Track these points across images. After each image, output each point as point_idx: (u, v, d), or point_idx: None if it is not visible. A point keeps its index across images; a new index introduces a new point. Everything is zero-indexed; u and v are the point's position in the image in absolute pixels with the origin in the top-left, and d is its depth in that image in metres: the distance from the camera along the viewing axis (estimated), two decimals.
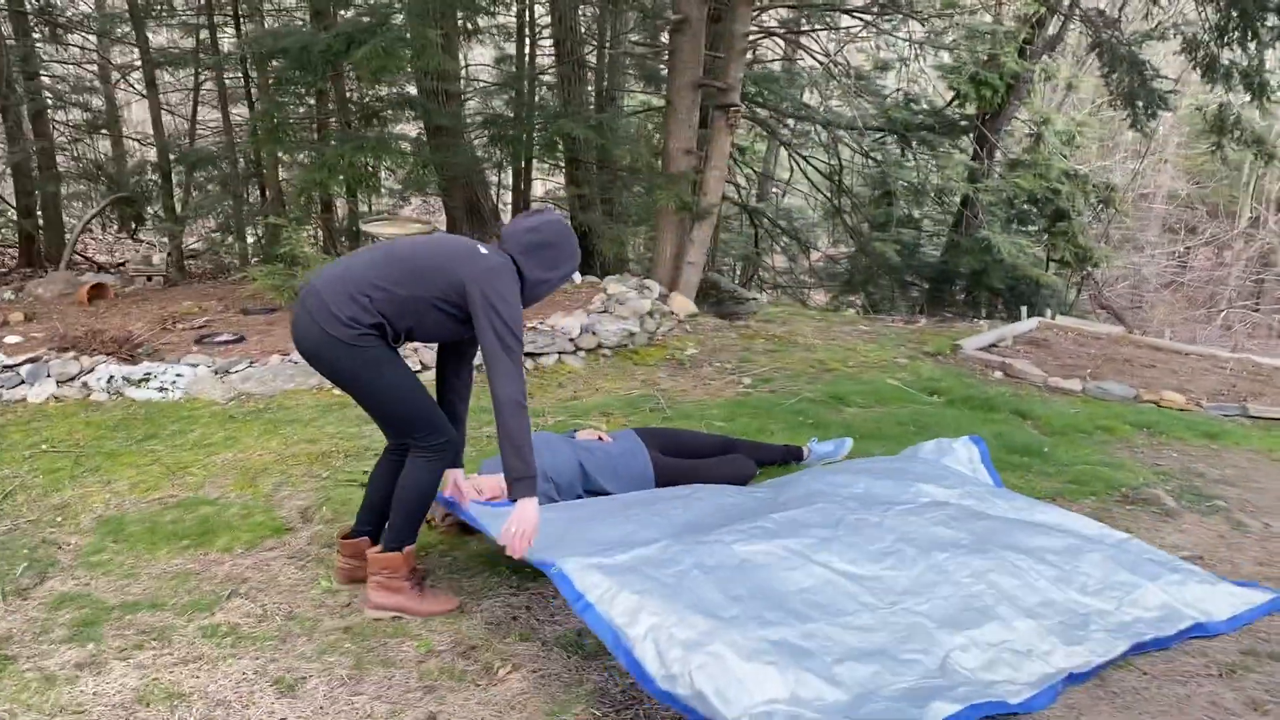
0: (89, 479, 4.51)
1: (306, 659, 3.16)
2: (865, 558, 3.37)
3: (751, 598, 3.02)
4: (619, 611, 2.84)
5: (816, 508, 3.69)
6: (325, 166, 7.33)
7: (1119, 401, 6.99)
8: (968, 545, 3.53)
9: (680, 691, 2.67)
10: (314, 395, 5.65)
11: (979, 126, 12.83)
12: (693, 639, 2.77)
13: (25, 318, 6.52)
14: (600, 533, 3.46)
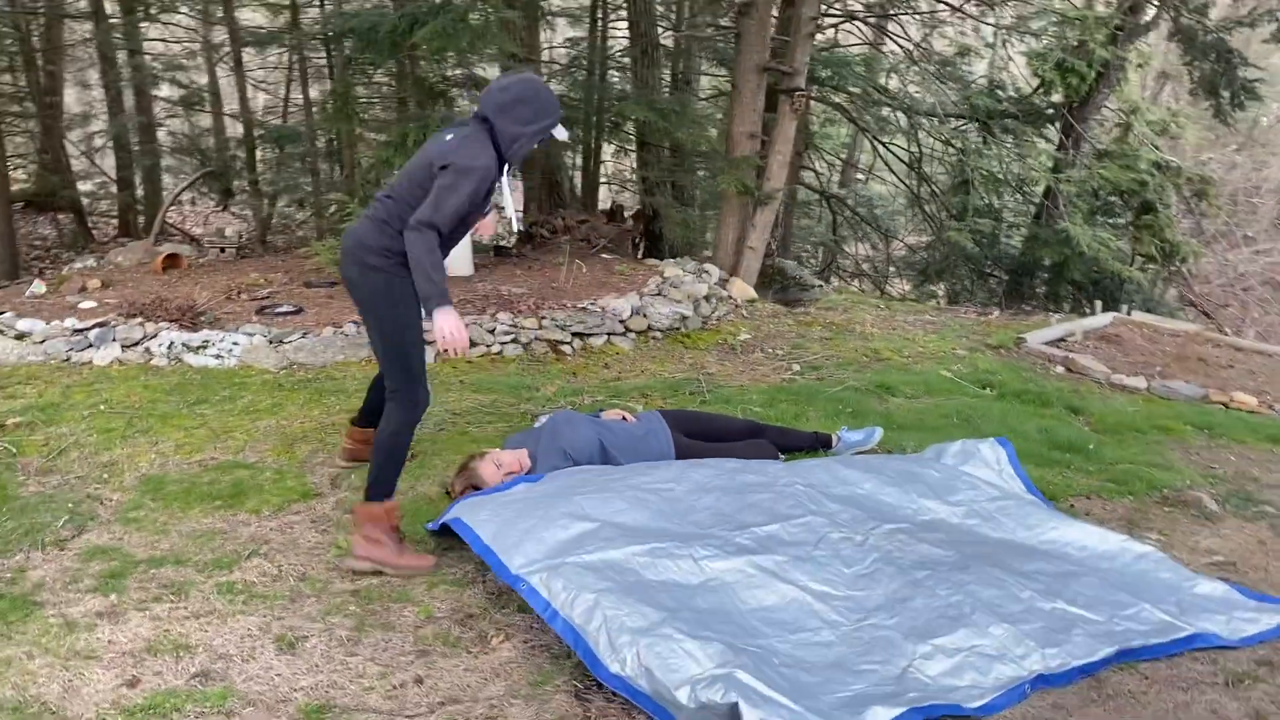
0: (139, 439, 4.72)
1: (311, 619, 3.27)
2: (840, 579, 3.39)
3: (704, 610, 3.07)
4: (579, 611, 2.97)
5: (802, 522, 3.68)
6: (392, 145, 7.49)
7: (1185, 401, 6.76)
8: (952, 564, 3.49)
9: (628, 672, 2.75)
10: (361, 367, 5.80)
11: (1065, 115, 12.43)
12: (642, 626, 2.88)
13: (102, 284, 6.83)
14: (583, 507, 3.55)
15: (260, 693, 2.87)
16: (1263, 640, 3.32)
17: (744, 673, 2.72)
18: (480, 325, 6.30)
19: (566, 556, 3.24)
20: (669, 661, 2.77)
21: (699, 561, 3.31)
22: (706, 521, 3.65)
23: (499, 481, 4.04)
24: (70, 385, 5.40)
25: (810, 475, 4.06)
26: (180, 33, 13.19)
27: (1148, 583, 3.63)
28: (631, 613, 2.96)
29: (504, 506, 3.66)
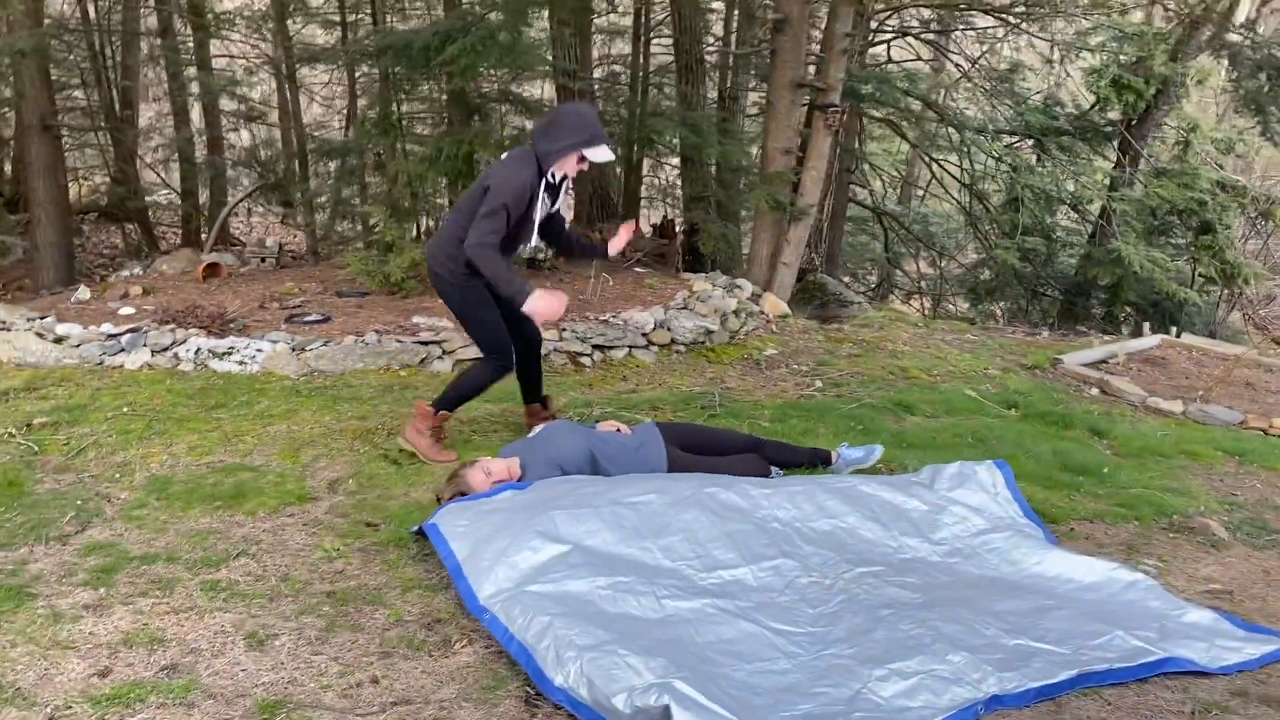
0: (154, 441, 4.89)
1: (285, 618, 3.36)
2: (803, 619, 3.38)
3: (660, 639, 3.08)
4: (532, 633, 3.04)
5: (772, 565, 3.67)
6: (428, 159, 7.65)
7: (1221, 426, 6.58)
8: (917, 604, 3.46)
9: (570, 684, 2.79)
10: (379, 375, 5.92)
11: (1123, 132, 12.17)
12: (590, 644, 2.92)
13: (144, 291, 7.08)
14: (556, 524, 3.60)
15: (222, 687, 2.95)
16: (1242, 669, 3.23)
17: (683, 683, 2.73)
18: None
19: (529, 585, 3.30)
20: (610, 673, 2.79)
21: (661, 600, 3.33)
22: (678, 548, 3.65)
23: (487, 489, 4.10)
24: (100, 388, 5.60)
25: (794, 503, 4.03)
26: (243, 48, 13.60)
27: (1133, 611, 3.55)
28: (582, 632, 2.99)
29: (483, 516, 3.72)
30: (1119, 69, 11.61)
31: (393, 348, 6.06)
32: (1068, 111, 13.02)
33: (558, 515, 3.65)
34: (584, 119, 4.36)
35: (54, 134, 8.38)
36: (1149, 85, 11.55)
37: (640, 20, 10.18)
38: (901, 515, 4.11)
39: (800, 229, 8.53)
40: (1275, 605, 3.76)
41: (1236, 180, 12.86)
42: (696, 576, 3.56)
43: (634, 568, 3.51)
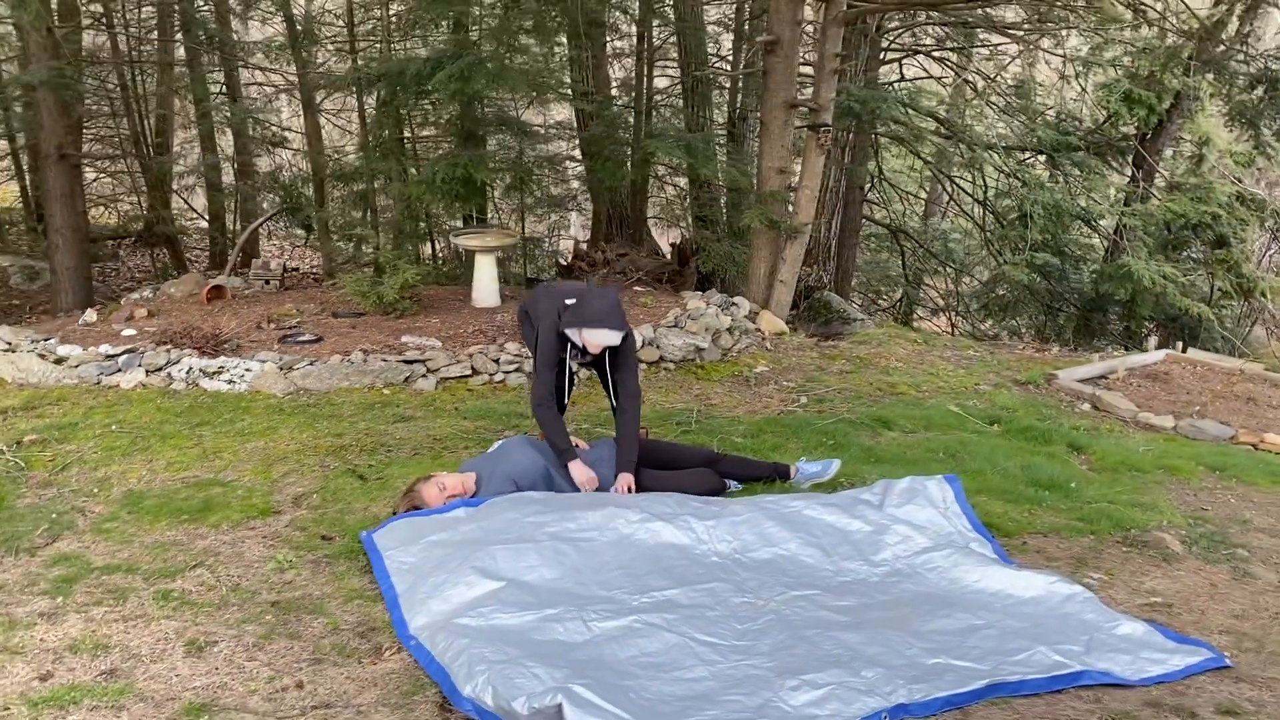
0: (136, 457, 5.07)
1: (227, 626, 3.49)
2: (729, 634, 3.44)
3: (579, 660, 3.15)
4: (450, 654, 3.15)
5: (706, 588, 3.74)
6: (424, 183, 7.83)
7: (1210, 441, 6.53)
8: (843, 625, 3.51)
9: (476, 693, 2.88)
10: (363, 393, 6.07)
11: (1136, 147, 12.10)
12: (501, 660, 3.02)
13: (149, 314, 7.31)
14: (495, 560, 3.73)
15: (155, 691, 3.08)
16: (1163, 680, 3.24)
17: (581, 686, 2.81)
18: (485, 354, 6.52)
19: (459, 618, 3.39)
20: (513, 681, 2.88)
21: (589, 624, 3.40)
22: (614, 581, 3.74)
23: (441, 504, 4.21)
24: (94, 406, 5.81)
25: (736, 534, 4.10)
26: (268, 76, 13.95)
27: (1066, 624, 3.58)
28: (496, 650, 3.09)
29: (430, 549, 3.84)
30: (1131, 84, 11.57)
31: (377, 366, 6.21)
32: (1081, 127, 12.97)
33: (498, 550, 3.77)
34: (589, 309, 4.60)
35: (71, 163, 8.67)
36: (1161, 100, 11.49)
37: (643, 44, 10.32)
38: (844, 538, 4.16)
39: (796, 247, 8.59)
40: (1214, 618, 3.76)
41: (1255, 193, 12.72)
42: (629, 599, 3.64)
43: (567, 598, 3.59)
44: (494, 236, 7.95)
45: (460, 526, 4.01)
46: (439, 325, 7.18)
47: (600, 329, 4.54)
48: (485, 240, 7.75)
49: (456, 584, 3.60)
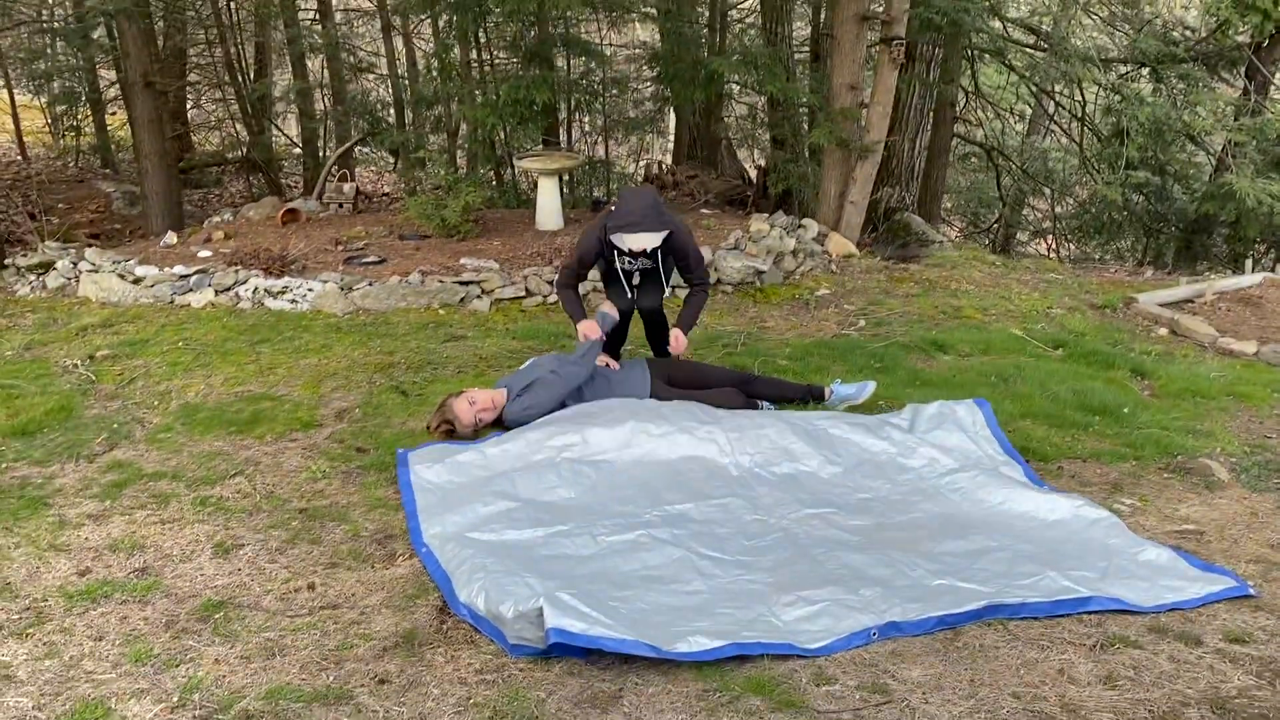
0: (197, 372, 5.31)
1: (255, 530, 3.67)
2: (735, 548, 3.46)
3: (581, 574, 3.22)
4: (455, 562, 3.27)
5: (720, 502, 3.78)
6: (488, 105, 7.86)
7: None
8: (852, 545, 3.49)
9: (471, 599, 2.98)
10: (419, 313, 6.21)
11: (1250, 57, 11.33)
12: (500, 570, 3.10)
13: (225, 236, 7.57)
14: (515, 484, 3.84)
15: (180, 588, 3.28)
16: (1177, 608, 3.16)
17: (567, 594, 2.89)
18: (540, 276, 6.58)
19: (471, 531, 3.50)
20: (505, 588, 2.98)
21: (596, 537, 3.48)
22: (630, 497, 3.80)
23: (471, 418, 4.32)
24: (165, 324, 6.08)
25: (758, 447, 4.11)
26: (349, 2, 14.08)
27: (1088, 550, 3.51)
28: (497, 562, 3.19)
29: (455, 469, 3.97)
30: None
31: (434, 287, 6.33)
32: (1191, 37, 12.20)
33: (518, 476, 3.87)
34: (628, 209, 4.63)
35: (157, 90, 8.95)
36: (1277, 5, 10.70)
37: None
38: (869, 458, 4.13)
39: (868, 167, 8.37)
40: (1246, 547, 3.63)
41: None
42: (642, 514, 3.69)
43: (581, 514, 3.66)
44: (556, 159, 7.95)
45: (487, 450, 4.11)
46: (500, 248, 7.26)
47: (638, 233, 4.55)
48: (546, 163, 7.76)
49: (474, 502, 3.71)
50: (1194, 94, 11.40)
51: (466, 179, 8.03)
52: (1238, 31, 11.22)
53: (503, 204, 9.11)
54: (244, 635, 2.99)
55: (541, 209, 7.83)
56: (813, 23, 11.83)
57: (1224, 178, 10.40)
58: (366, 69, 14.14)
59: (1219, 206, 10.54)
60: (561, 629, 2.74)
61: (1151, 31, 11.79)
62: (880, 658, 2.88)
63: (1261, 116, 11.07)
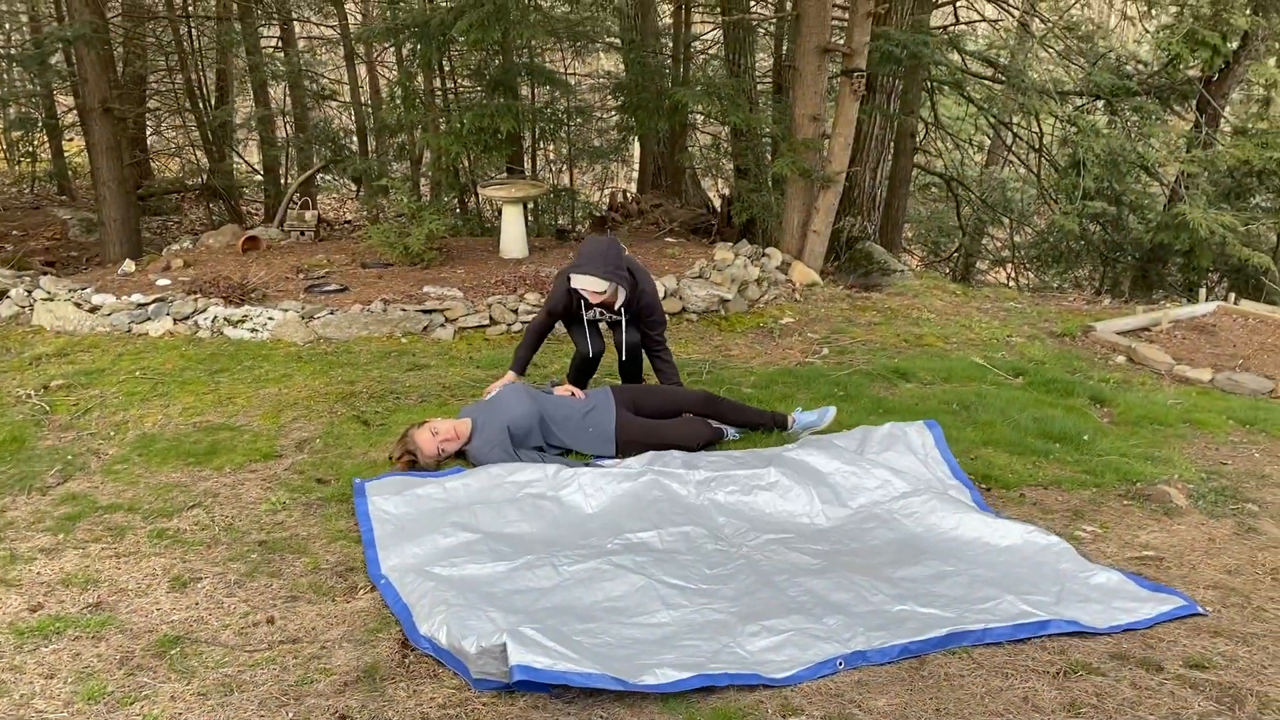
0: (154, 402, 5.23)
1: (213, 563, 3.60)
2: (698, 577, 3.46)
3: (544, 607, 3.19)
4: (416, 595, 3.21)
5: (680, 531, 3.77)
6: (452, 133, 7.86)
7: (1247, 395, 6.34)
8: (813, 570, 3.50)
9: (432, 632, 2.95)
10: (381, 342, 6.17)
11: (1201, 91, 11.61)
12: (461, 604, 3.07)
13: (185, 264, 7.49)
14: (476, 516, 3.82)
15: (135, 623, 3.20)
16: (1132, 628, 3.19)
17: (531, 628, 2.86)
18: (504, 304, 6.56)
19: (431, 565, 3.45)
20: (467, 623, 2.94)
21: (558, 568, 3.45)
22: (592, 530, 3.79)
23: (434, 448, 4.28)
24: (122, 353, 5.99)
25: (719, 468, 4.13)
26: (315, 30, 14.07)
27: (1040, 574, 3.53)
28: (458, 595, 3.15)
29: (414, 501, 3.92)
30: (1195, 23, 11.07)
31: (396, 316, 6.30)
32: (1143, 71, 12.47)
33: (479, 508, 3.84)
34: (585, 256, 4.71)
35: (115, 116, 8.87)
36: (1227, 41, 10.99)
37: None
38: (822, 481, 4.14)
39: (830, 197, 8.45)
40: (1204, 572, 3.67)
41: None
42: (603, 543, 3.68)
43: (543, 546, 3.64)
44: (520, 187, 7.96)
45: (447, 484, 4.08)
46: (464, 276, 7.24)
47: (579, 274, 4.63)
48: (511, 191, 7.76)
49: (433, 534, 3.68)
50: (1147, 126, 11.66)
51: (430, 207, 8.02)
52: (1188, 65, 11.50)
53: (467, 232, 9.10)
54: (201, 671, 2.93)
55: (506, 237, 7.82)
56: (775, 54, 12.01)
57: (1177, 208, 10.62)
58: (329, 96, 14.13)
59: (1173, 236, 10.75)
60: (526, 666, 2.70)
61: (1106, 65, 12.05)
62: (846, 687, 2.87)
63: (1212, 148, 11.32)
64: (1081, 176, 10.85)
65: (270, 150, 13.38)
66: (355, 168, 10.05)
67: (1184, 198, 10.70)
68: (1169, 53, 11.35)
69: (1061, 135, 12.65)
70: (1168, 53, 11.40)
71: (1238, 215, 10.93)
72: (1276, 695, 2.84)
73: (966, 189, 14.44)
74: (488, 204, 10.01)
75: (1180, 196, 11.02)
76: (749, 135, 10.80)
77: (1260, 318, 8.45)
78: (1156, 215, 12.21)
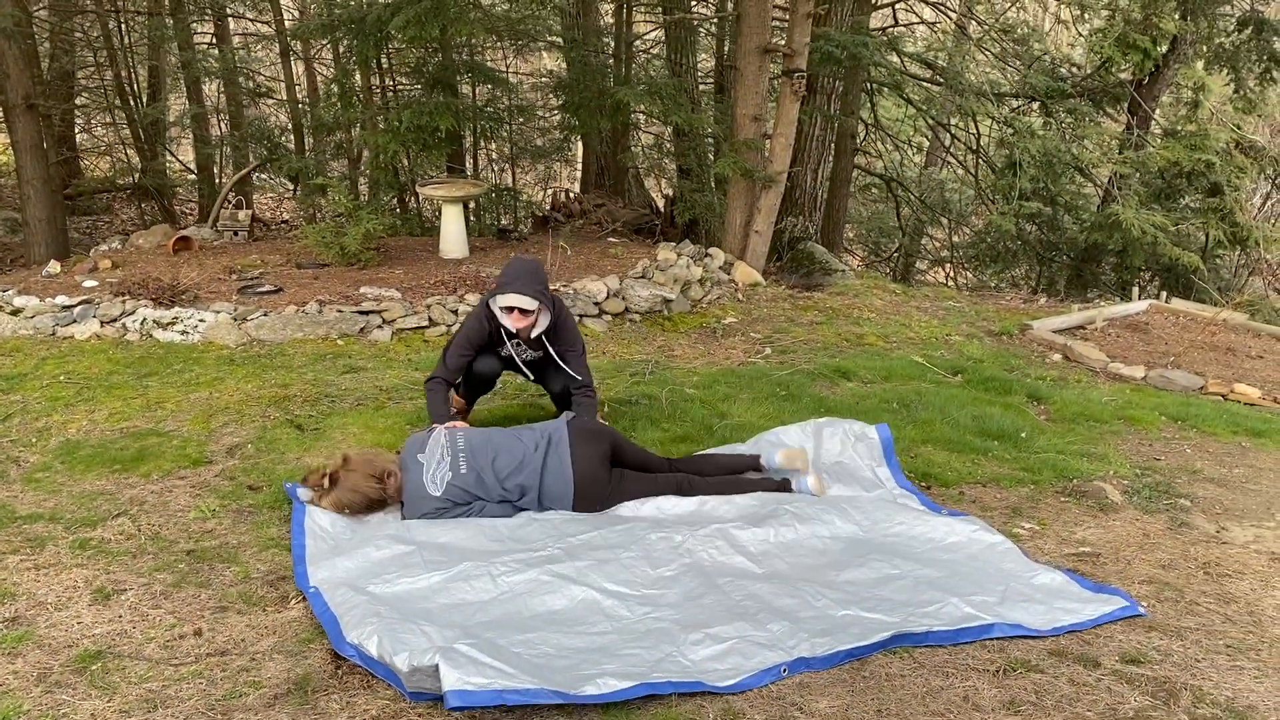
0: (79, 407, 5.06)
1: (139, 574, 3.48)
2: (641, 581, 3.41)
3: (482, 621, 3.13)
4: (346, 605, 3.12)
5: (623, 528, 3.73)
6: (389, 132, 7.74)
7: (1179, 392, 6.46)
8: (756, 576, 3.48)
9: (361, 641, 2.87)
10: (316, 344, 6.04)
11: (1132, 93, 11.84)
12: (395, 618, 2.98)
13: (113, 265, 7.28)
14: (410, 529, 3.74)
15: (54, 638, 3.08)
16: (1074, 629, 3.20)
17: (465, 644, 2.79)
18: (444, 305, 6.47)
19: (364, 581, 3.34)
20: (400, 637, 2.86)
21: (496, 578, 3.37)
22: (529, 533, 3.72)
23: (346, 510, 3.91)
24: (46, 357, 5.80)
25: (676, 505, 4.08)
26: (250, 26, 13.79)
27: (985, 575, 3.55)
28: (391, 610, 3.06)
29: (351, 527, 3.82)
30: (1126, 27, 11.29)
31: (332, 317, 6.17)
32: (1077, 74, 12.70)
33: (414, 523, 3.75)
34: (510, 273, 4.43)
35: (40, 112, 8.60)
36: (1157, 44, 11.22)
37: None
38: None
39: (771, 197, 8.47)
40: (1139, 568, 3.71)
41: (1254, 141, 12.46)
42: (542, 548, 3.60)
43: (479, 555, 3.56)
44: (460, 186, 7.86)
45: None
46: (402, 276, 7.13)
47: (508, 292, 4.32)
48: (451, 190, 7.66)
49: (365, 546, 3.59)
50: (1081, 128, 11.87)
51: (368, 206, 7.90)
52: (1120, 68, 11.72)
53: (406, 232, 8.97)
54: (123, 687, 2.82)
55: (446, 237, 7.72)
56: (716, 54, 12.02)
57: (1110, 208, 10.82)
58: (265, 94, 13.85)
59: (1106, 236, 10.95)
60: (461, 691, 2.59)
61: (1041, 68, 12.25)
62: (788, 690, 2.85)
63: (1144, 150, 11.56)
64: (1018, 177, 11.01)
65: (204, 148, 13.09)
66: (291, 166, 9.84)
67: (1117, 198, 10.91)
68: (1101, 56, 11.57)
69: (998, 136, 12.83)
70: (1100, 56, 11.62)
71: (1168, 215, 11.18)
72: (1210, 689, 2.87)
73: (906, 190, 14.59)
74: (427, 203, 9.88)
75: (1113, 197, 11.24)
76: (691, 135, 10.80)
77: (1191, 316, 8.64)
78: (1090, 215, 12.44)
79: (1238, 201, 11.22)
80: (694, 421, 5.10)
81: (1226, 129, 11.68)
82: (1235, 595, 3.52)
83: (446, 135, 8.02)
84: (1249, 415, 5.89)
